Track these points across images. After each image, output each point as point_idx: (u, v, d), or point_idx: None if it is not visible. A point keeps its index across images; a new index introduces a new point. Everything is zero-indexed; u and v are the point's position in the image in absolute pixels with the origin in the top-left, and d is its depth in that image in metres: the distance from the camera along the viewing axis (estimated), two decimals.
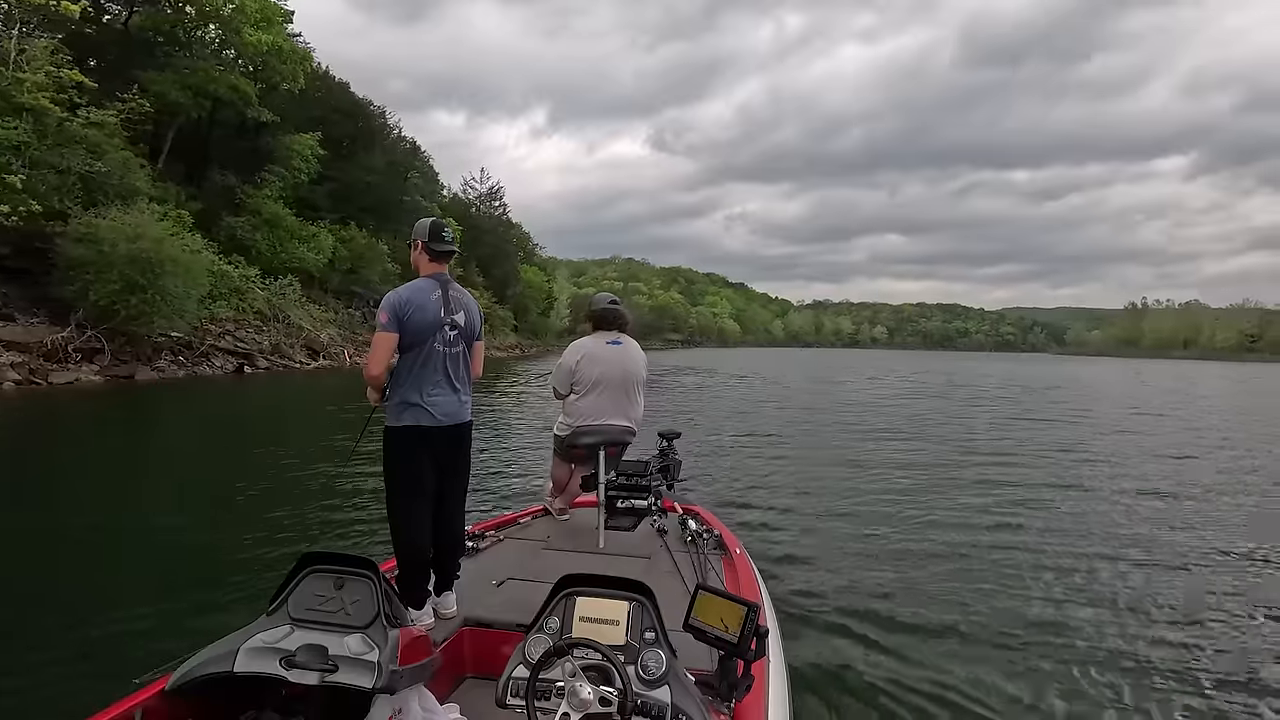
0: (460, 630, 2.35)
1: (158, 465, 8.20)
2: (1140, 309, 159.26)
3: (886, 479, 7.69)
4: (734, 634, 1.66)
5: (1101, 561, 4.90)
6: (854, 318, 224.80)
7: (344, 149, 35.96)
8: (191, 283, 18.11)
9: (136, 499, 6.45)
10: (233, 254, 24.63)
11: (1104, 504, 6.75)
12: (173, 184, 24.47)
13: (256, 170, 28.76)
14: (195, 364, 18.92)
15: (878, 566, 4.63)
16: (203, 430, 11.21)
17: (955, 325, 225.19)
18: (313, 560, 1.73)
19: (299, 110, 32.14)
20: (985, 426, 13.11)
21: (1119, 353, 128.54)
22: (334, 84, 37.30)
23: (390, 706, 1.56)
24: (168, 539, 5.07)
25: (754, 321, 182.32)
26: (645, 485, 3.67)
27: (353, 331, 30.31)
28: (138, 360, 17.18)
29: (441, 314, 2.45)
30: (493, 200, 59.15)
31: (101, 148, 18.48)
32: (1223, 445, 11.19)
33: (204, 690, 1.59)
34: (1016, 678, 3.13)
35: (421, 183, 44.77)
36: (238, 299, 22.98)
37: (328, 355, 25.38)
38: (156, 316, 17.13)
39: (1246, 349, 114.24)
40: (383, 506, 2.53)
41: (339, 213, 33.55)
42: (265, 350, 22.26)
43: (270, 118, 27.34)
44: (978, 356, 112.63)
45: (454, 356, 2.50)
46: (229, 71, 26.42)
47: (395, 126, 42.20)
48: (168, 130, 25.55)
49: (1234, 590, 4.42)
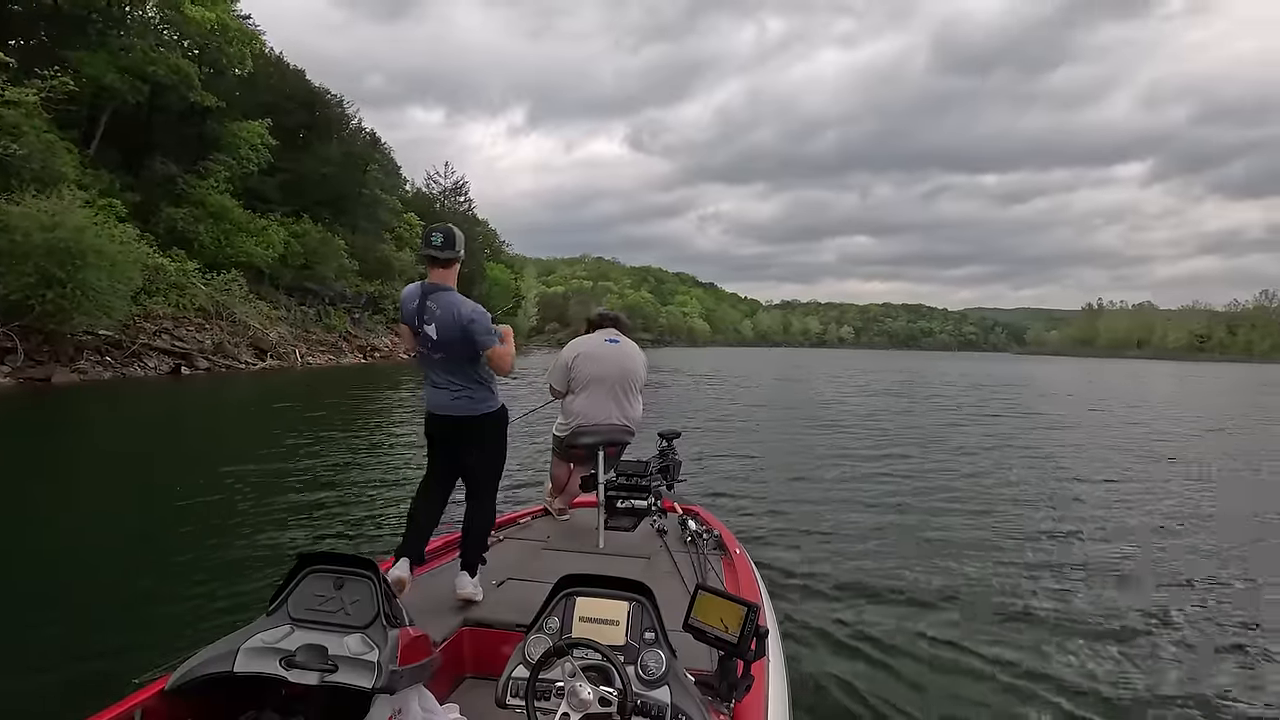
0: (460, 630, 2.36)
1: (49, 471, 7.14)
2: (1096, 310, 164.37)
3: (886, 480, 7.68)
4: (734, 634, 1.65)
5: (1101, 562, 4.91)
6: (821, 318, 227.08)
7: (300, 139, 34.34)
8: (119, 277, 16.65)
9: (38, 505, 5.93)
10: (172, 247, 23.07)
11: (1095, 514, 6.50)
12: (106, 171, 22.80)
13: (201, 159, 27.07)
14: (125, 364, 17.43)
15: (878, 567, 4.61)
16: (110, 436, 10.04)
17: (920, 325, 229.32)
18: (312, 560, 1.72)
19: (248, 96, 30.48)
20: (978, 428, 13.05)
21: (1076, 352, 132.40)
22: (288, 70, 35.56)
23: (390, 706, 1.54)
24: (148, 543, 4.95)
25: (723, 321, 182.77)
26: (645, 485, 3.68)
27: (305, 330, 28.80)
28: (56, 361, 15.69)
29: (415, 322, 2.61)
30: (458, 195, 57.59)
31: (19, 129, 16.92)
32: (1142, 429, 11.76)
33: (204, 690, 1.59)
34: (1017, 676, 3.12)
35: (382, 176, 43.19)
36: (177, 295, 21.42)
37: (276, 355, 23.91)
38: (77, 313, 15.67)
39: (1196, 349, 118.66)
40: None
41: (292, 205, 31.93)
42: (207, 350, 20.78)
43: (215, 103, 25.68)
44: (943, 356, 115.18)
45: (432, 361, 2.65)
46: (170, 52, 24.77)
47: (354, 116, 40.54)
48: (101, 114, 23.84)
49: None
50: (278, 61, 34.94)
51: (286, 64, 35.65)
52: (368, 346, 32.33)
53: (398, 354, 34.13)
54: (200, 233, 24.90)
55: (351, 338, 32.14)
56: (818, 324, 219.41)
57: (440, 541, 3.05)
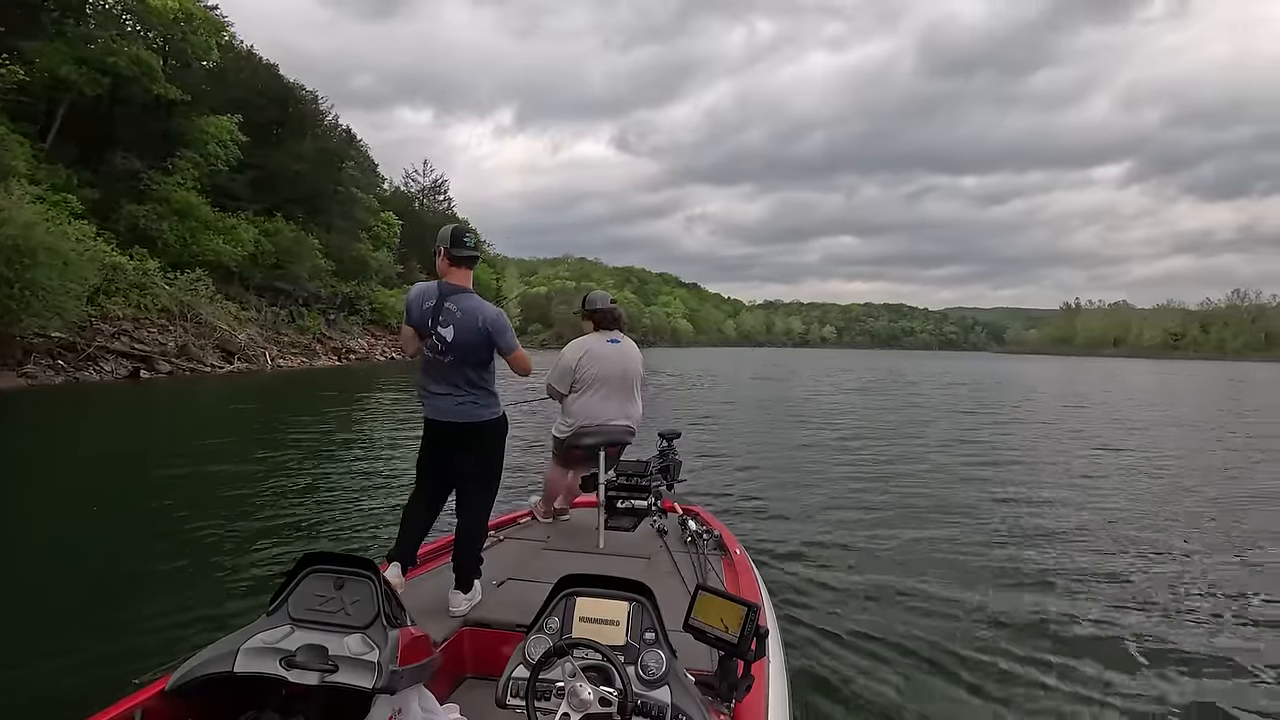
0: (460, 630, 2.35)
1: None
2: (1073, 309, 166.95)
3: (887, 480, 7.61)
4: (734, 634, 1.64)
5: (1097, 561, 4.91)
6: (804, 318, 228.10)
7: (273, 136, 33.35)
8: (72, 275, 15.79)
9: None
10: (134, 245, 22.12)
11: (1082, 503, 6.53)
12: (62, 166, 21.80)
13: (167, 155, 26.07)
14: (79, 368, 16.55)
15: (878, 566, 4.58)
16: (56, 443, 9.30)
17: (901, 325, 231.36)
18: (313, 560, 1.71)
19: (217, 91, 29.49)
20: (972, 427, 12.92)
21: (1054, 351, 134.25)
22: (259, 65, 34.55)
23: (390, 706, 1.53)
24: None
25: (707, 321, 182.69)
26: (645, 485, 3.68)
27: (277, 331, 27.89)
28: (2, 365, 14.81)
29: (429, 324, 2.54)
30: (436, 194, 56.66)
31: None
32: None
33: (204, 690, 1.58)
34: (1017, 674, 3.11)
35: (358, 173, 42.24)
36: (138, 295, 20.49)
37: (245, 358, 23.02)
38: (25, 314, 14.79)
39: (1171, 347, 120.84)
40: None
41: (263, 203, 30.97)
42: (169, 352, 19.87)
43: (180, 96, 24.73)
44: (924, 355, 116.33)
45: (441, 366, 2.58)
46: (131, 42, 23.79)
47: (328, 113, 39.59)
48: (58, 107, 22.82)
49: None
50: (248, 55, 33.95)
51: (258, 57, 34.65)
52: (343, 348, 31.44)
53: (374, 356, 33.28)
54: (164, 230, 23.92)
55: (326, 339, 31.24)
56: (800, 324, 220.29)
57: (444, 541, 3.02)
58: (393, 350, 35.49)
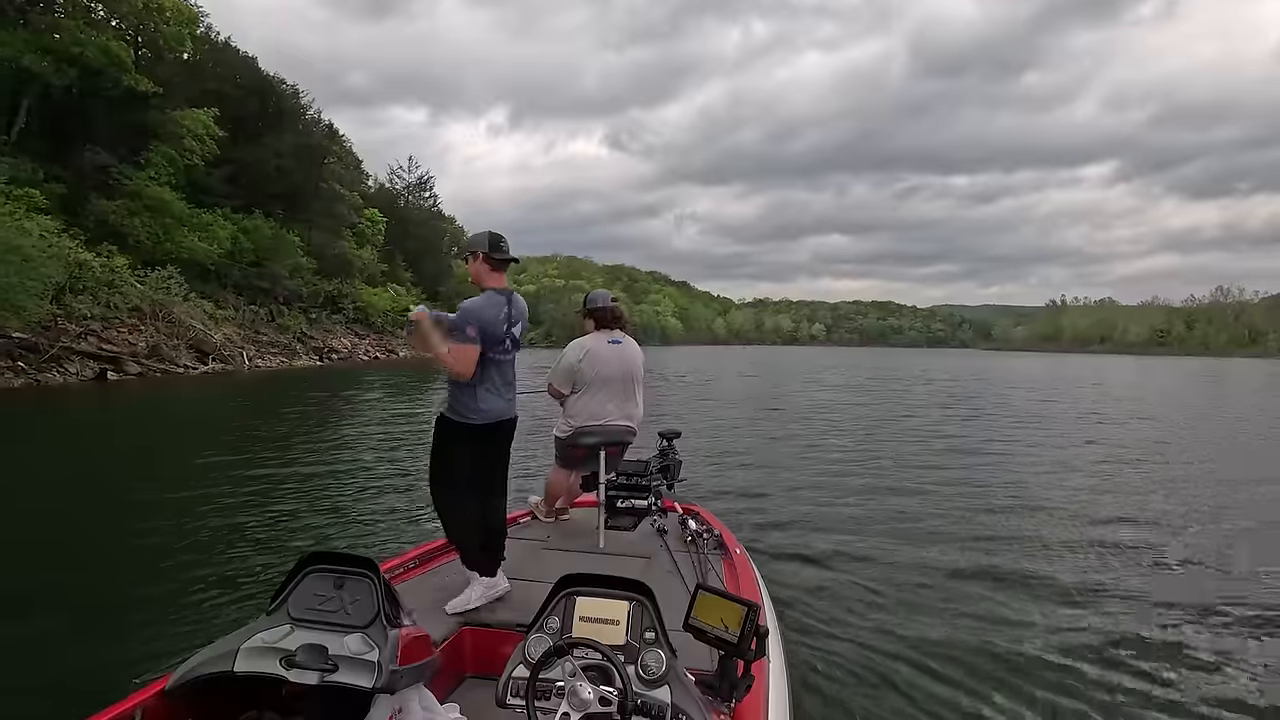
0: (460, 630, 2.35)
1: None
2: (1060, 306, 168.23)
3: (887, 480, 7.55)
4: (734, 634, 1.63)
5: (1094, 556, 4.92)
6: (793, 316, 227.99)
7: (252, 130, 32.54)
8: (33, 273, 15.12)
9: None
10: (104, 242, 21.35)
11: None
12: (27, 159, 20.99)
13: (139, 149, 25.27)
14: (40, 370, 15.85)
15: (878, 566, 4.55)
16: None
17: (890, 323, 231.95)
18: (313, 560, 1.71)
19: (193, 83, 28.71)
20: (969, 426, 12.84)
21: (1041, 348, 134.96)
22: (237, 57, 33.75)
23: (390, 706, 1.55)
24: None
25: (696, 320, 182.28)
26: (645, 485, 3.71)
27: (255, 331, 27.12)
28: None
29: (503, 329, 2.63)
30: (422, 191, 55.80)
31: None
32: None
33: (204, 690, 1.58)
34: (1018, 674, 3.08)
35: (341, 170, 41.44)
36: (106, 294, 19.75)
37: (220, 358, 22.32)
38: None
39: (1157, 343, 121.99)
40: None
41: (241, 199, 30.18)
42: (140, 353, 19.17)
43: (152, 88, 23.94)
44: (913, 352, 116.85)
45: (502, 365, 2.67)
46: (100, 32, 22.99)
47: (310, 107, 38.73)
48: (22, 99, 22.00)
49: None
50: (225, 46, 33.13)
51: (236, 50, 33.86)
52: (324, 348, 30.72)
53: (357, 355, 32.58)
54: (135, 227, 23.15)
55: (307, 339, 30.49)
56: (789, 322, 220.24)
57: (441, 542, 3.01)
58: (376, 350, 34.82)
